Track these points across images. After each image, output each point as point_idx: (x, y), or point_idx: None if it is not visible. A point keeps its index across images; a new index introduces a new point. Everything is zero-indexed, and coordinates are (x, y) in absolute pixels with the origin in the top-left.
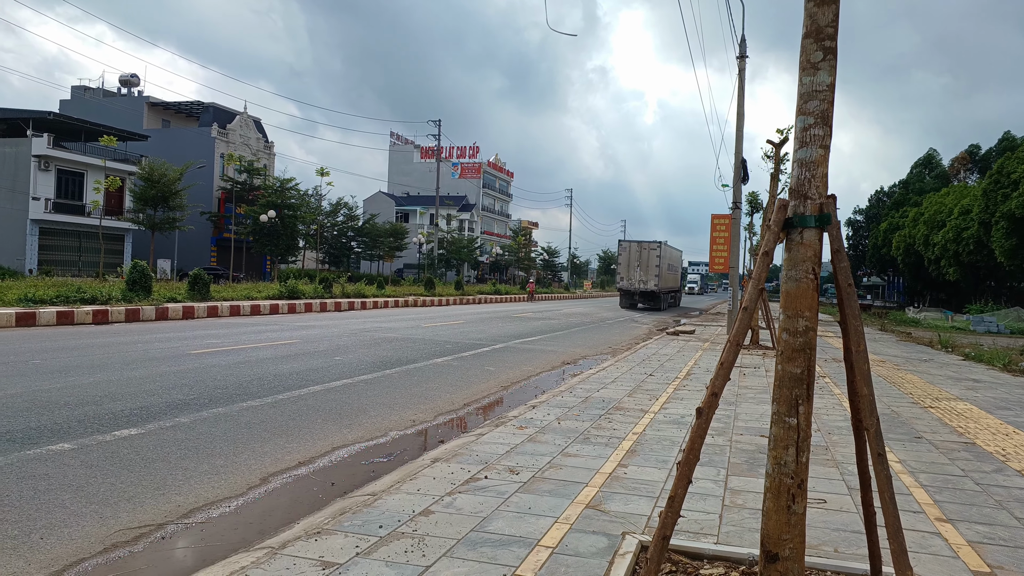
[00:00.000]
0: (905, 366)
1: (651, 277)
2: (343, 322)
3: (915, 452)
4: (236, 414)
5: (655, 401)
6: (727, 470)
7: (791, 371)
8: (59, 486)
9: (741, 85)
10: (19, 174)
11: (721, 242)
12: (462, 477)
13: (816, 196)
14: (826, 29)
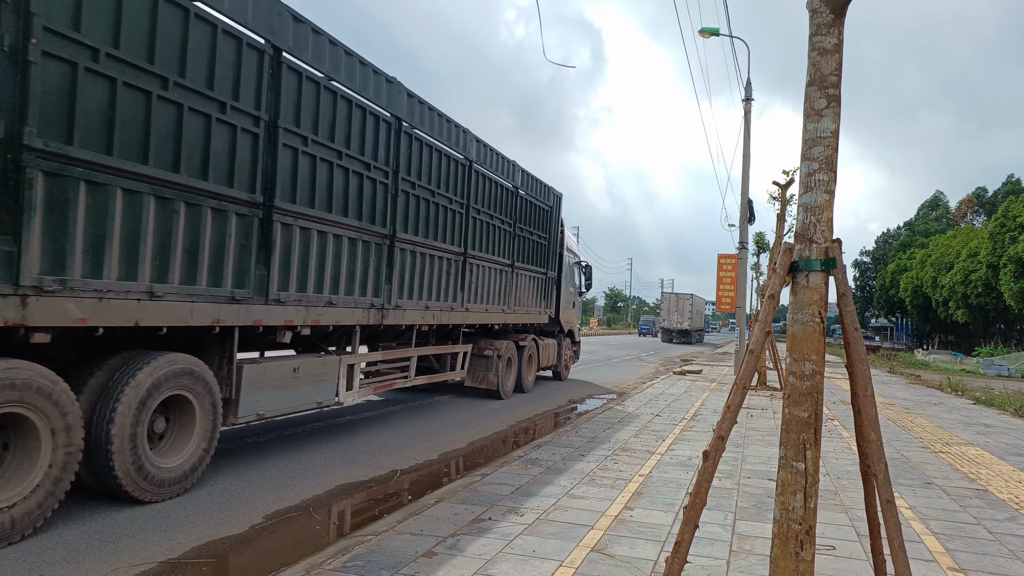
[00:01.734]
0: (914, 409)
1: (685, 319)
2: None
3: (926, 498)
4: (238, 450)
5: (662, 442)
6: (735, 514)
7: (798, 415)
8: (59, 532)
9: (747, 127)
10: None
11: (728, 282)
12: (466, 518)
13: (822, 240)
14: (829, 77)
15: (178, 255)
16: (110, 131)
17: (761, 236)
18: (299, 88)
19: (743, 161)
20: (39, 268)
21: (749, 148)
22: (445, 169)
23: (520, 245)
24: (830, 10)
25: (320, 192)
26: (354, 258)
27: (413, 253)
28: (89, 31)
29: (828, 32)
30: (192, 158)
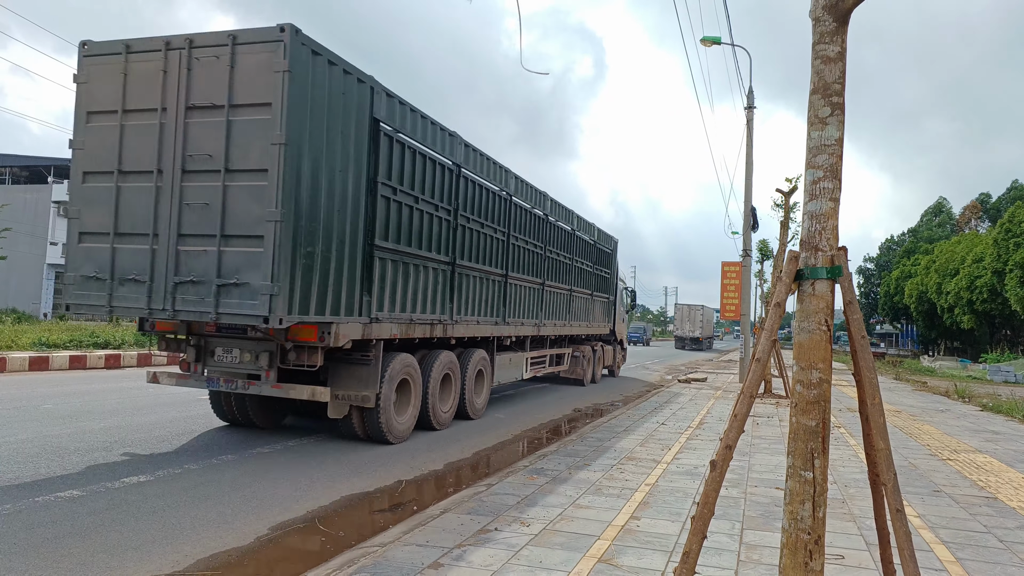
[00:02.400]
0: (921, 416)
1: (697, 328)
2: None
3: (935, 506)
4: (245, 461)
5: (668, 451)
6: (742, 524)
7: (806, 424)
8: (67, 534)
9: (750, 135)
10: (38, 220)
11: (732, 289)
12: (472, 528)
13: (827, 248)
14: (833, 85)
15: (451, 297)
16: (419, 235)
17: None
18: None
19: (746, 169)
20: (376, 308)
21: (752, 156)
22: (563, 237)
23: (595, 279)
24: (833, 18)
25: (526, 263)
26: (528, 298)
27: (554, 292)
28: (408, 184)
29: (831, 40)
30: (439, 241)
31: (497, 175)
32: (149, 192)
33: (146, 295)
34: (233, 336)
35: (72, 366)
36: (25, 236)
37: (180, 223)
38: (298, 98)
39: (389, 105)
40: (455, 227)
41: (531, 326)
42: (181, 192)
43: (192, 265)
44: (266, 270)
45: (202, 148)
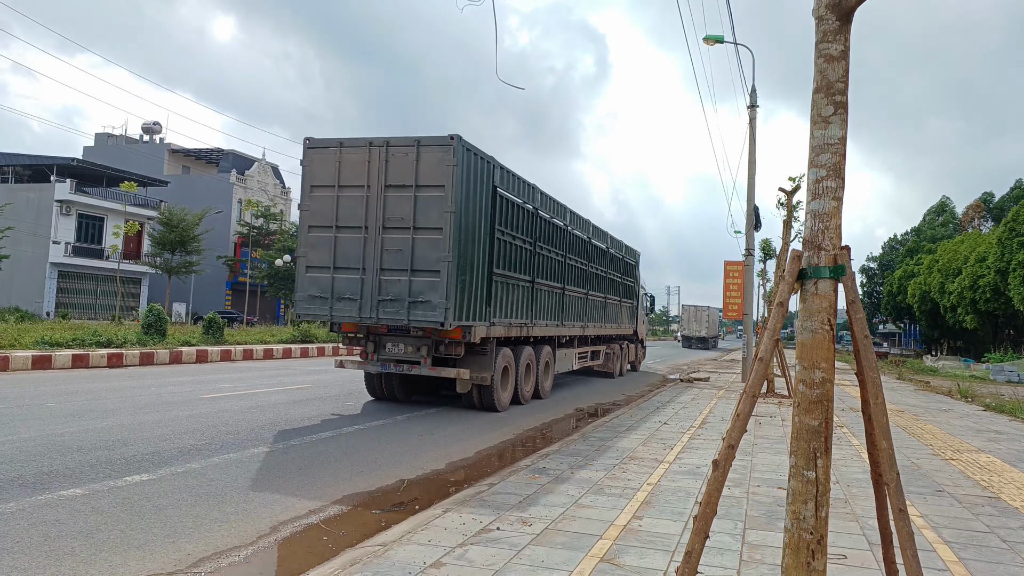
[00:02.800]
0: (924, 416)
1: (703, 328)
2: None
3: (937, 506)
4: (247, 460)
5: (670, 451)
6: (744, 523)
7: (808, 423)
8: (69, 533)
9: (752, 134)
10: (41, 218)
11: (734, 289)
12: (474, 528)
13: (830, 247)
14: (836, 84)
15: (531, 307)
16: (521, 261)
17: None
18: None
19: (749, 168)
20: (495, 315)
21: (755, 155)
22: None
23: (623, 287)
24: (836, 17)
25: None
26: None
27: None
28: (510, 227)
29: (834, 39)
30: (525, 265)
31: (558, 210)
32: (359, 241)
33: (357, 308)
34: (399, 335)
35: (75, 365)
36: (27, 235)
37: (381, 261)
38: (460, 180)
39: (501, 174)
40: (534, 254)
41: (578, 328)
42: (382, 241)
43: (390, 289)
44: (442, 292)
45: (396, 213)
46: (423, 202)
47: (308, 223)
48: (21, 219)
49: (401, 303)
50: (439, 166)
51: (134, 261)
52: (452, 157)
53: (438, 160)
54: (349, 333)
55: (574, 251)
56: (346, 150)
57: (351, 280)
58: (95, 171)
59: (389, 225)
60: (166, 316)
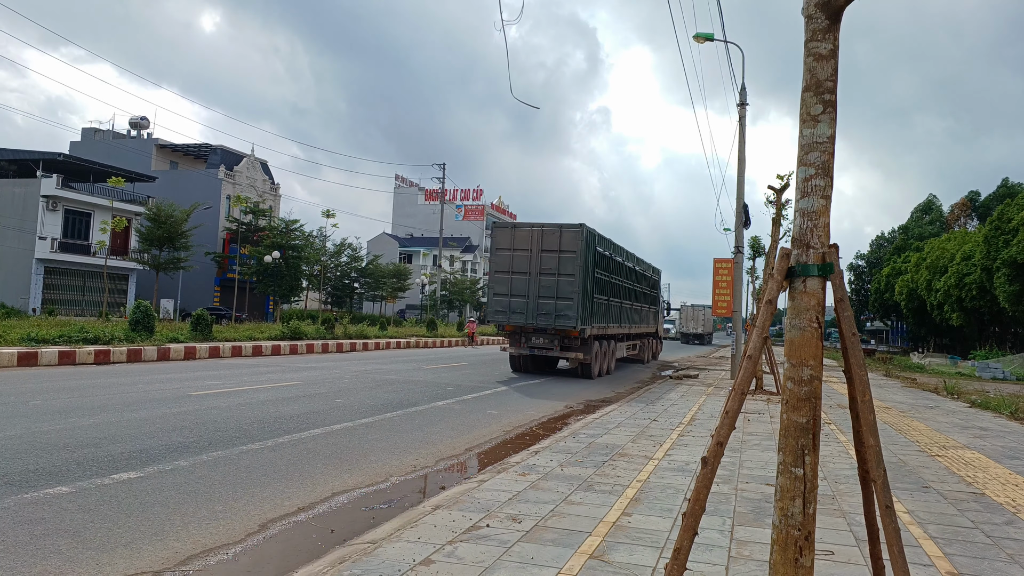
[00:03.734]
0: (911, 413)
1: (699, 325)
2: (345, 364)
3: (924, 502)
4: (236, 457)
5: (659, 447)
6: (733, 520)
7: (797, 420)
8: (56, 531)
9: (742, 132)
10: (27, 214)
11: (724, 286)
12: (464, 525)
13: (819, 245)
14: (825, 83)
15: (606, 315)
16: (605, 288)
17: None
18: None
19: (738, 166)
20: (593, 321)
21: (744, 153)
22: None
23: (649, 297)
24: (825, 16)
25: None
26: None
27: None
28: (600, 268)
29: (824, 38)
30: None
31: (618, 250)
32: (525, 280)
33: (523, 318)
34: (540, 333)
35: (61, 362)
36: (13, 231)
37: (539, 293)
38: (583, 247)
39: (598, 238)
40: (608, 283)
41: (627, 328)
42: (539, 281)
43: (543, 308)
44: (575, 311)
45: (547, 265)
46: (563, 259)
47: (494, 269)
48: (6, 214)
49: (549, 316)
50: (572, 239)
51: (121, 257)
52: (581, 235)
53: (571, 236)
54: (509, 331)
55: (626, 276)
56: (517, 229)
57: (519, 302)
58: (82, 166)
59: (543, 272)
60: (154, 313)
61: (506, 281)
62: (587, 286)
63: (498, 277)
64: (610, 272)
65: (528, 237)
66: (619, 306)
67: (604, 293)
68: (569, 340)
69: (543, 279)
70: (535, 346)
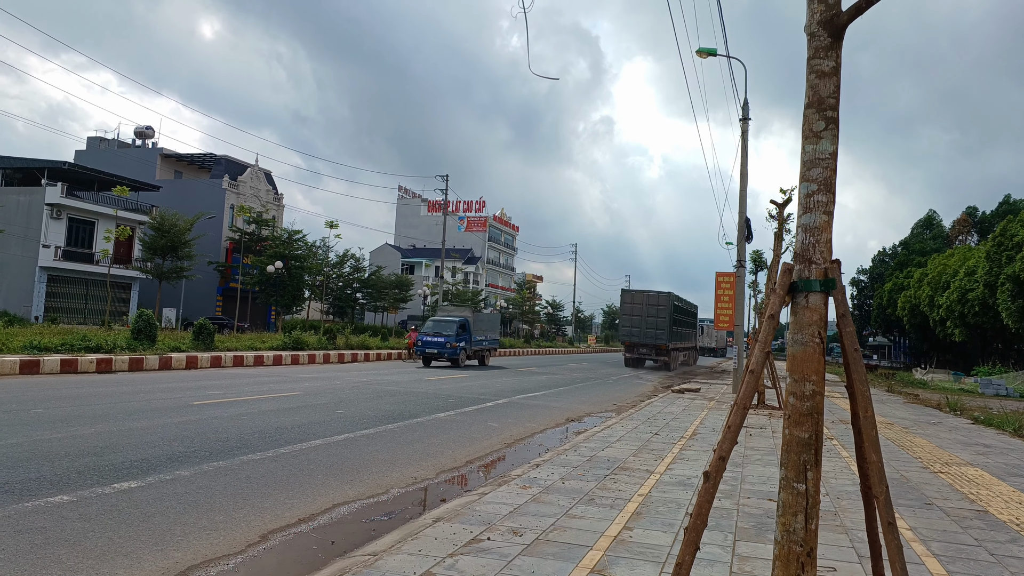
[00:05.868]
0: (913, 429)
1: (713, 340)
2: (346, 374)
3: (926, 519)
4: (237, 468)
5: (661, 461)
6: (734, 535)
7: (799, 436)
8: (56, 540)
9: (744, 147)
10: (31, 222)
11: (726, 300)
12: (464, 538)
13: (821, 261)
14: (828, 100)
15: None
16: (675, 323)
17: (759, 254)
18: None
19: (740, 180)
20: (671, 340)
21: (746, 167)
22: (685, 313)
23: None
24: (828, 34)
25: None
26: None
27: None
28: (676, 313)
29: (826, 55)
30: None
31: (681, 301)
32: (641, 320)
33: (637, 337)
34: (644, 346)
35: (63, 370)
36: (17, 238)
37: (644, 324)
38: (669, 303)
39: (675, 296)
40: (677, 319)
41: (683, 344)
42: (645, 321)
43: (647, 333)
44: (666, 335)
45: (649, 312)
46: (659, 309)
47: (623, 312)
48: (11, 222)
49: (650, 336)
50: (664, 300)
51: (124, 266)
52: (668, 298)
53: (664, 297)
54: (627, 344)
55: (683, 314)
56: (635, 293)
57: (636, 330)
58: (87, 175)
59: (647, 315)
60: (156, 322)
61: (628, 318)
62: (669, 322)
63: (624, 317)
64: (677, 314)
65: (642, 297)
66: (680, 332)
67: (675, 325)
68: (658, 350)
69: (647, 319)
70: (640, 353)
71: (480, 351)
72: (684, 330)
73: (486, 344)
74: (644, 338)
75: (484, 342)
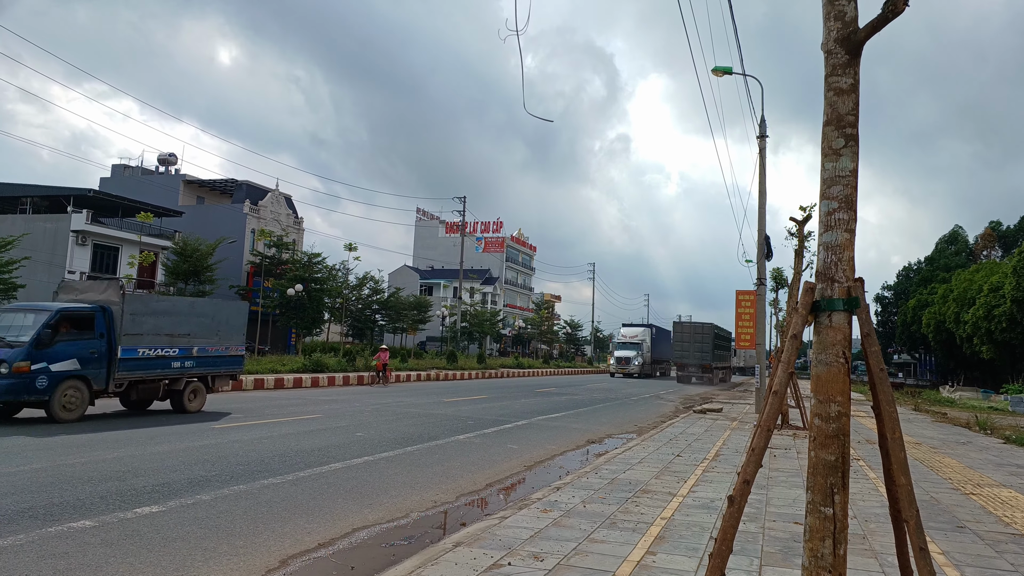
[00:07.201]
0: (942, 449)
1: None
2: (365, 396)
3: (959, 543)
4: (257, 492)
5: (683, 484)
6: (760, 559)
7: (825, 458)
8: (79, 566)
9: (762, 164)
10: (57, 248)
11: (747, 318)
12: (485, 563)
13: (843, 279)
14: (847, 117)
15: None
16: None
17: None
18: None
19: (759, 198)
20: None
21: (765, 185)
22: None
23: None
24: (845, 51)
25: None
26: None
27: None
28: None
29: (844, 72)
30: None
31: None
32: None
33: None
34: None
35: None
36: (44, 264)
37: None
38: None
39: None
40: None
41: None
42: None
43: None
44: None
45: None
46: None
47: (675, 340)
48: (38, 249)
49: (698, 358)
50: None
51: (148, 291)
52: (710, 328)
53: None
54: (679, 364)
55: (722, 339)
56: (684, 324)
57: (686, 354)
58: (111, 202)
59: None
60: None
61: (679, 344)
62: (712, 347)
63: (677, 343)
64: (717, 340)
65: (690, 327)
66: (719, 354)
67: (716, 349)
68: (704, 368)
69: (694, 344)
70: (689, 371)
71: (161, 378)
72: (722, 352)
73: (187, 362)
74: (692, 359)
75: (175, 358)
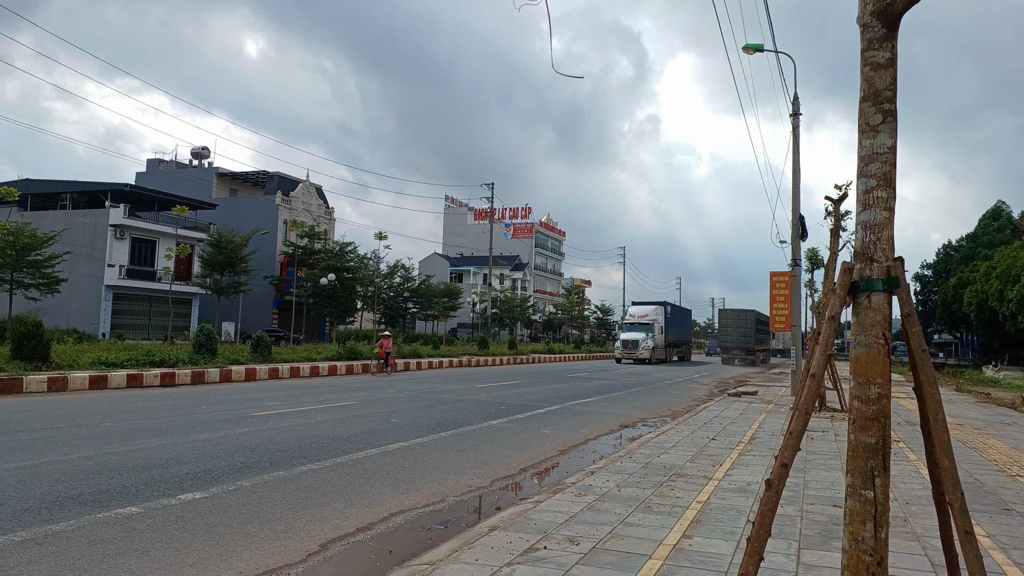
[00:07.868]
0: (986, 430)
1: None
2: (399, 383)
3: (1005, 526)
4: (296, 477)
5: (719, 467)
6: (799, 543)
7: (865, 441)
8: (127, 550)
9: (796, 143)
10: (97, 242)
11: (781, 300)
12: (521, 547)
13: (882, 259)
14: (884, 92)
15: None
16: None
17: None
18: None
19: (793, 177)
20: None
21: (799, 163)
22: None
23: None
24: (882, 24)
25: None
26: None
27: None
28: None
29: (881, 46)
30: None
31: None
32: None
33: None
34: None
35: (129, 384)
36: (84, 259)
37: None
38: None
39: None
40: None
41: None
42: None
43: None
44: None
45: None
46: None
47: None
48: (78, 243)
49: (741, 341)
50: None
51: (185, 282)
52: (752, 314)
53: (751, 313)
54: (723, 348)
55: (761, 323)
56: (728, 311)
57: (730, 338)
58: (147, 196)
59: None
60: (216, 336)
61: (724, 329)
62: (754, 331)
63: (722, 328)
64: (758, 324)
65: (733, 314)
66: (760, 337)
67: (757, 333)
68: (747, 351)
69: (737, 329)
70: (733, 353)
71: None
72: (762, 336)
73: None
74: (735, 343)
75: None
